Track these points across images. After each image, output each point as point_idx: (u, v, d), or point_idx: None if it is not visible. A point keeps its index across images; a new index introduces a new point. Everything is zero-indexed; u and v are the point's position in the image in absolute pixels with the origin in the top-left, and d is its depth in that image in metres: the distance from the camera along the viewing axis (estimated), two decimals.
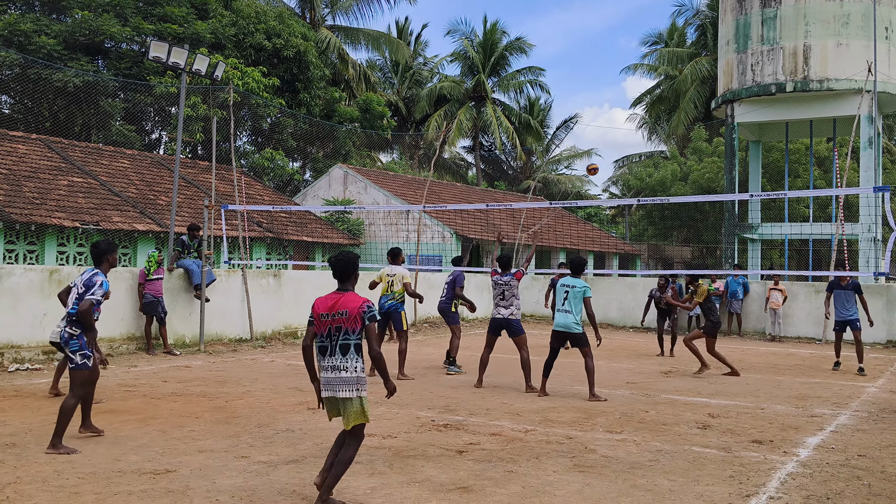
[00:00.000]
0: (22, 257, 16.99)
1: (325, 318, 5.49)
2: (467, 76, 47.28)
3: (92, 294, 6.92)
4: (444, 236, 27.30)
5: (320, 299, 5.59)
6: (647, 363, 14.08)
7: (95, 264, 7.22)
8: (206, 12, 30.93)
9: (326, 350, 5.49)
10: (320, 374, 5.54)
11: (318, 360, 5.57)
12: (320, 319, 5.50)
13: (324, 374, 5.51)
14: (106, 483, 5.80)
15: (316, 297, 5.73)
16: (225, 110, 26.31)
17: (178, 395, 9.61)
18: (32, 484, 5.73)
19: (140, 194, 21.28)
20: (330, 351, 5.47)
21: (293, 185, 34.53)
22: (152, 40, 15.25)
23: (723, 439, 7.73)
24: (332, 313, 5.47)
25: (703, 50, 44.80)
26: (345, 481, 5.92)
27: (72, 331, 6.90)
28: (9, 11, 27.53)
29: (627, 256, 36.77)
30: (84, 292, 6.95)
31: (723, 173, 29.56)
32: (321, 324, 5.50)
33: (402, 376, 11.21)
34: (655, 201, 13.45)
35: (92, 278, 7.01)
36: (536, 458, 6.82)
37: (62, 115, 28.37)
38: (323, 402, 5.55)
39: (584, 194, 51.50)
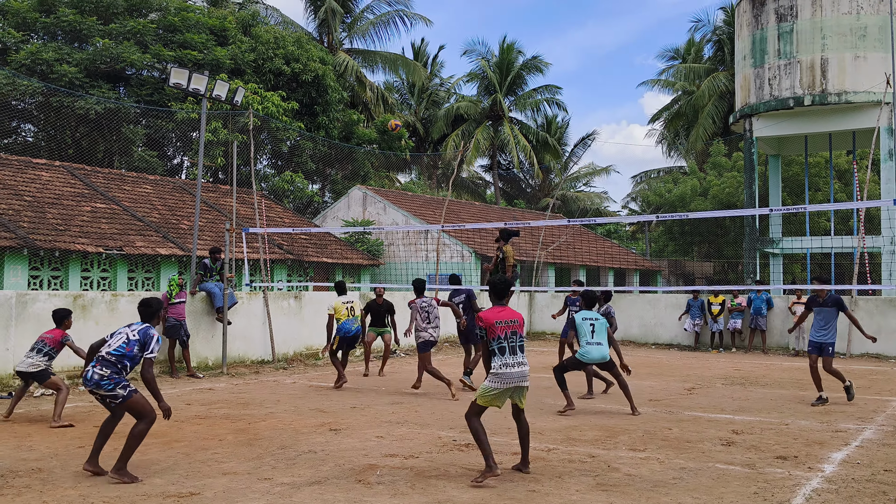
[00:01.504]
0: (46, 283, 17.22)
1: (500, 324, 6.84)
2: (484, 96, 47.51)
3: (151, 352, 6.84)
4: (464, 255, 27.34)
5: (488, 312, 6.94)
6: (670, 380, 13.99)
7: (146, 320, 7.06)
8: (226, 39, 31.38)
9: (506, 350, 6.81)
10: (503, 370, 6.75)
11: (498, 359, 6.77)
12: (496, 326, 6.83)
13: (509, 370, 6.77)
14: None
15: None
16: (245, 134, 26.63)
17: (201, 417, 9.68)
18: None
19: (162, 219, 21.52)
20: (510, 351, 6.81)
21: (313, 207, 34.78)
22: (173, 67, 15.50)
23: (747, 456, 7.67)
24: (506, 320, 6.88)
25: (720, 65, 44.75)
26: (367, 502, 5.94)
27: (102, 371, 6.66)
28: (31, 41, 28.07)
29: (648, 272, 36.60)
30: (136, 341, 6.81)
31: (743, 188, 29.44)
32: (498, 328, 6.82)
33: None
34: (675, 217, 13.43)
35: (148, 331, 6.92)
36: (559, 477, 6.80)
37: (85, 142, 28.83)
38: (501, 391, 6.77)
39: (603, 211, 51.41)
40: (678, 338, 21.30)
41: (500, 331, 6.81)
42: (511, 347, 6.81)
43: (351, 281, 25.63)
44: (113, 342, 6.84)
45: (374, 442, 8.21)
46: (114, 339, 6.88)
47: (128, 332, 6.89)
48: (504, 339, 6.80)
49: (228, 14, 33.88)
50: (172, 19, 30.15)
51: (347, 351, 13.02)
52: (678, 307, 21.29)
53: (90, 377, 6.67)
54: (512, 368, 6.76)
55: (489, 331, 6.83)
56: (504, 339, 6.79)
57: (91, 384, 6.68)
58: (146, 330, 6.91)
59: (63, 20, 27.92)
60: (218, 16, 32.68)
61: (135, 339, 6.83)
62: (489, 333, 6.84)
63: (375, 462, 7.27)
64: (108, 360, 6.72)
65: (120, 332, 6.95)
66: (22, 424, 9.13)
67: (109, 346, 6.79)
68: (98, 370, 6.67)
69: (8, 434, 8.53)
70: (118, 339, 6.85)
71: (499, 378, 6.77)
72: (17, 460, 7.27)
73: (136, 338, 6.84)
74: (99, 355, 6.76)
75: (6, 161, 20.87)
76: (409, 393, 12.00)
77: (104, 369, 6.68)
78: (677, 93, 46.87)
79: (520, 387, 6.84)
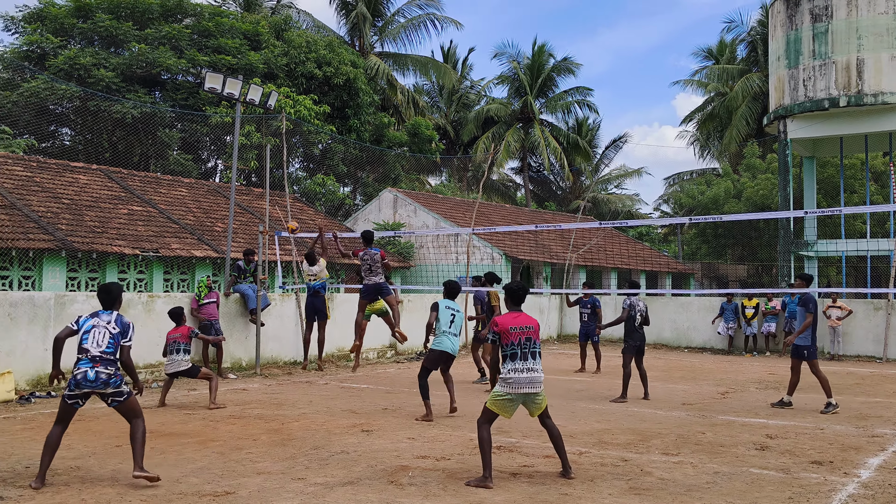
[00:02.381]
0: (84, 284, 17.52)
1: (514, 330, 6.87)
2: (514, 98, 47.43)
3: (129, 340, 6.93)
4: (494, 258, 27.33)
5: (503, 318, 6.96)
6: (703, 384, 13.87)
7: (110, 307, 7.07)
8: (259, 43, 31.71)
9: (517, 356, 6.82)
10: (512, 375, 6.78)
11: (509, 365, 6.80)
12: (510, 332, 6.85)
13: (518, 375, 6.78)
14: None
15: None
16: (278, 138, 26.90)
17: (235, 417, 9.80)
18: None
19: (197, 221, 21.80)
20: (521, 356, 6.81)
21: (344, 210, 34.99)
22: (207, 72, 15.71)
23: (781, 460, 7.59)
24: (521, 326, 6.89)
25: (753, 66, 44.24)
26: (399, 503, 5.99)
27: (108, 370, 6.70)
28: (69, 46, 28.61)
29: (681, 275, 36.28)
30: (118, 333, 6.85)
31: (777, 190, 29.08)
32: (511, 334, 6.85)
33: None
34: (708, 219, 13.32)
35: (123, 320, 6.97)
36: (591, 480, 6.79)
37: (121, 146, 29.30)
38: (511, 398, 6.79)
39: (635, 213, 51.04)
40: (711, 341, 21.11)
41: (514, 337, 6.85)
42: (523, 354, 6.83)
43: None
44: (98, 340, 6.77)
45: (406, 443, 8.26)
46: (94, 335, 6.80)
47: (107, 329, 6.84)
48: (517, 345, 6.83)
49: (261, 19, 34.26)
50: (207, 24, 30.55)
51: None
52: (711, 310, 21.10)
53: (94, 377, 6.63)
54: (521, 374, 6.79)
55: (503, 336, 6.89)
56: (517, 346, 6.83)
57: (98, 384, 6.64)
58: (120, 319, 6.96)
59: (100, 25, 28.42)
60: (251, 21, 33.04)
61: (116, 331, 6.86)
62: (503, 338, 6.89)
63: (407, 463, 7.32)
64: (108, 360, 6.74)
65: (97, 327, 6.85)
66: None
67: (99, 346, 6.74)
68: (104, 370, 6.68)
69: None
70: (101, 336, 6.80)
71: (508, 383, 6.81)
72: (56, 459, 7.40)
73: (118, 330, 6.87)
74: (95, 356, 6.71)
75: (45, 164, 21.29)
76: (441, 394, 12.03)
77: (109, 367, 6.71)
78: (710, 94, 46.42)
79: (530, 393, 6.82)
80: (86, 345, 6.75)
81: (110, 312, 7.00)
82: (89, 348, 6.73)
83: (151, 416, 9.85)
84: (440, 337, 9.97)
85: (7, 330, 11.43)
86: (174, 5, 31.02)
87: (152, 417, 9.71)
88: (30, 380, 11.64)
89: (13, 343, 11.49)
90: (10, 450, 7.78)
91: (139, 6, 29.81)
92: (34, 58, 28.24)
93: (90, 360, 6.69)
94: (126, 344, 6.89)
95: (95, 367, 6.66)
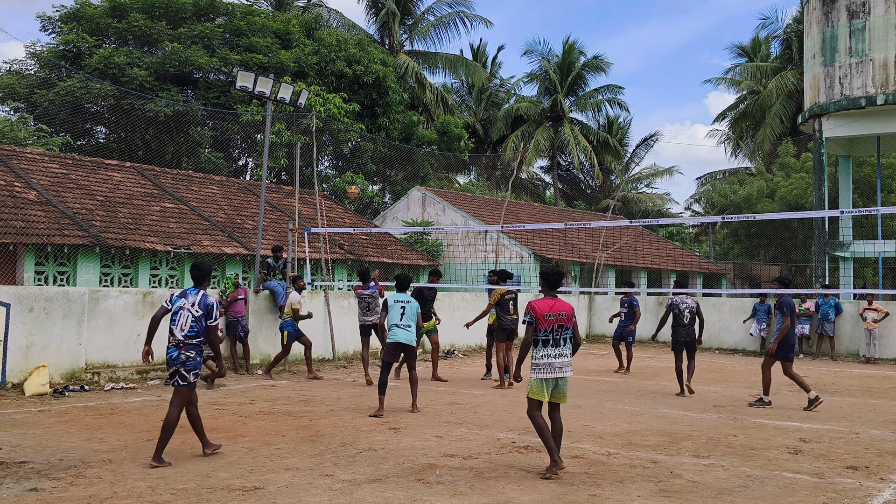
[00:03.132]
0: (117, 280, 17.76)
1: (549, 317, 7.03)
2: (544, 96, 47.21)
3: (214, 320, 7.32)
4: (522, 256, 27.24)
5: (539, 303, 7.06)
6: (735, 386, 13.69)
7: (197, 284, 7.49)
8: (290, 42, 31.91)
9: (549, 342, 7.03)
10: (543, 360, 7.01)
11: (540, 350, 7.01)
12: (545, 318, 7.02)
13: (549, 360, 7.02)
14: (197, 499, 6.00)
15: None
16: (308, 136, 27.03)
17: (264, 413, 9.86)
18: (128, 499, 5.97)
19: (228, 219, 21.99)
20: (553, 343, 7.03)
21: (373, 208, 35.10)
22: (239, 70, 15.83)
23: (815, 465, 7.46)
24: (555, 314, 7.05)
25: (787, 64, 43.61)
26: (426, 501, 5.98)
27: (189, 353, 7.19)
28: (104, 45, 29.00)
29: (712, 276, 35.88)
30: (202, 315, 7.26)
31: (811, 189, 28.64)
32: (546, 321, 7.02)
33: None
34: (741, 219, 13.12)
35: (207, 300, 7.32)
36: (620, 482, 6.73)
37: (154, 144, 29.67)
38: (544, 381, 7.01)
39: (665, 213, 50.59)
40: (743, 343, 20.85)
41: (547, 324, 7.03)
42: (555, 340, 7.05)
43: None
44: (182, 324, 7.22)
45: (433, 442, 8.25)
46: (180, 319, 7.24)
47: (191, 311, 7.24)
48: (549, 332, 7.03)
49: (292, 18, 34.48)
50: (238, 23, 30.80)
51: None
52: (743, 311, 20.83)
53: (177, 357, 7.19)
54: (553, 359, 7.05)
55: (538, 321, 7.05)
56: (549, 332, 7.03)
57: (178, 363, 7.19)
58: (205, 300, 7.30)
59: (134, 25, 28.78)
60: (282, 19, 33.27)
61: (199, 314, 7.25)
62: (538, 324, 7.05)
63: (435, 462, 7.30)
64: (190, 344, 7.22)
65: (183, 309, 7.26)
66: (94, 417, 9.45)
67: (182, 330, 7.20)
68: (186, 352, 7.20)
69: (80, 426, 8.84)
70: (185, 320, 7.23)
71: (540, 368, 7.06)
72: (89, 451, 7.52)
73: (201, 313, 7.26)
74: (179, 341, 7.20)
75: (80, 162, 21.61)
76: (468, 393, 12.02)
77: (190, 351, 7.23)
78: (743, 92, 45.85)
79: (560, 377, 7.08)
80: (173, 327, 7.27)
81: (197, 292, 7.39)
82: (175, 332, 7.25)
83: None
84: (392, 329, 10.16)
85: (42, 324, 11.61)
86: (207, 5, 31.33)
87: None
88: (64, 373, 11.81)
89: (48, 337, 11.67)
90: (44, 442, 7.90)
91: (173, 6, 30.14)
92: (70, 57, 28.68)
93: (175, 346, 7.24)
94: (212, 324, 7.32)
95: (179, 350, 7.22)
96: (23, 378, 11.22)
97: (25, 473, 6.65)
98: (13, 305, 11.20)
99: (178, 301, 7.32)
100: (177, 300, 7.34)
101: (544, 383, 7.05)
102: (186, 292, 7.38)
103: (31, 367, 11.33)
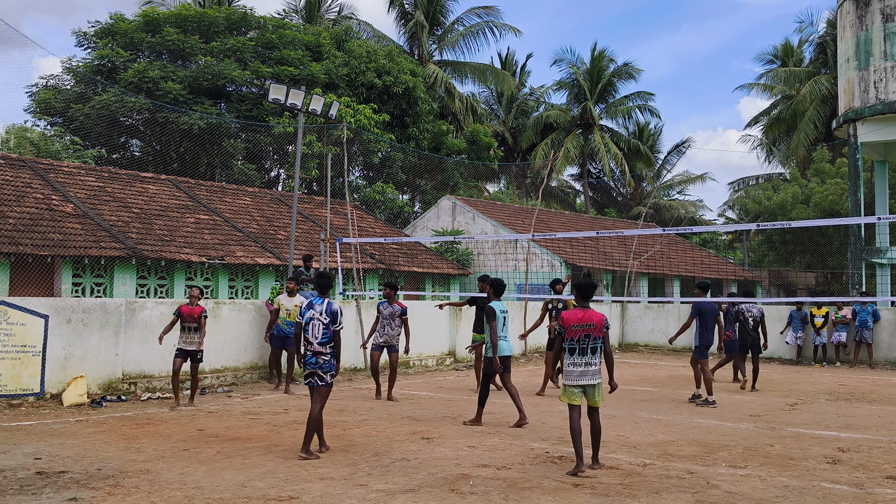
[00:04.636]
0: (153, 291, 18.01)
1: (576, 327, 7.41)
2: (574, 104, 47.10)
3: (339, 325, 8.06)
4: (553, 265, 27.15)
5: (569, 313, 7.51)
6: (771, 395, 13.50)
7: (322, 293, 8.18)
8: (320, 54, 32.22)
9: (575, 351, 7.42)
10: (570, 367, 7.44)
11: (568, 358, 7.46)
12: (572, 328, 7.42)
13: (575, 368, 7.42)
14: None
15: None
16: (338, 147, 27.24)
17: (298, 423, 9.91)
18: None
19: (261, 229, 22.21)
20: (580, 352, 7.40)
21: (403, 217, 35.23)
22: (271, 83, 16.01)
23: (855, 475, 7.33)
24: (583, 324, 7.40)
25: (822, 68, 43.08)
26: None
27: (324, 358, 7.95)
28: (138, 60, 29.51)
29: (747, 283, 35.45)
30: (329, 322, 7.97)
31: (847, 195, 28.20)
32: (573, 331, 7.42)
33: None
34: (776, 226, 12.96)
35: (332, 307, 8.01)
36: (656, 493, 6.66)
37: (188, 156, 30.08)
38: (575, 387, 7.43)
39: (698, 220, 50.11)
40: (779, 351, 20.54)
41: (574, 334, 7.44)
42: (581, 349, 7.43)
43: (441, 290, 25.79)
44: (315, 333, 7.98)
45: (466, 451, 8.23)
46: (312, 329, 8.00)
47: (320, 320, 7.99)
48: (576, 341, 7.43)
49: (323, 30, 34.81)
50: (270, 36, 31.18)
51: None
52: (779, 319, 20.53)
53: (315, 361, 7.98)
54: (578, 367, 7.43)
55: (567, 331, 7.49)
56: (576, 342, 7.43)
57: (316, 366, 7.97)
58: (330, 307, 8.02)
59: (167, 39, 29.26)
60: (313, 32, 33.61)
61: (328, 320, 8.00)
62: (567, 333, 7.49)
63: (468, 472, 7.29)
64: (323, 352, 7.97)
65: (314, 320, 8.01)
66: (131, 427, 9.57)
67: (315, 337, 7.96)
68: (322, 357, 7.97)
69: (117, 436, 8.96)
70: (317, 328, 7.99)
71: (568, 375, 7.50)
72: (126, 461, 7.62)
73: (328, 320, 8.00)
74: (316, 349, 7.95)
75: (116, 175, 21.98)
76: (500, 403, 11.98)
77: (325, 356, 7.98)
78: (776, 97, 45.33)
79: (588, 385, 7.44)
80: (308, 335, 8.03)
81: (322, 301, 8.08)
82: (311, 340, 8.00)
83: (217, 420, 10.05)
84: (500, 342, 10.01)
85: (80, 335, 11.80)
86: (239, 18, 31.77)
87: (218, 422, 9.90)
88: (101, 384, 11.99)
89: (86, 348, 11.86)
90: (83, 452, 8.02)
91: (205, 20, 30.61)
92: (105, 71, 29.22)
93: (313, 353, 7.99)
94: (337, 328, 8.04)
95: (316, 356, 7.97)
96: (61, 388, 11.41)
97: (65, 483, 6.75)
98: (51, 317, 11.41)
99: (307, 312, 8.05)
100: (306, 311, 8.06)
101: (570, 389, 7.45)
102: (313, 303, 8.07)
103: (69, 377, 11.52)
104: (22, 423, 9.71)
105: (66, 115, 28.38)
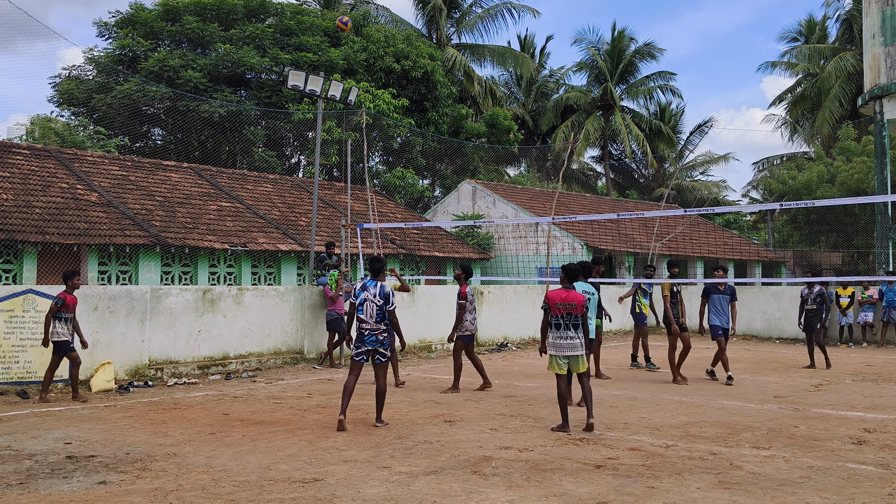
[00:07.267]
0: (177, 278, 18.19)
1: (560, 306, 8.38)
2: (594, 85, 46.70)
3: (392, 305, 8.57)
4: (574, 248, 27.05)
5: (553, 293, 8.48)
6: (796, 376, 13.41)
7: (374, 276, 8.69)
8: (339, 40, 32.20)
9: (561, 326, 8.39)
10: (555, 340, 8.43)
11: (553, 333, 8.44)
12: (556, 306, 8.40)
13: (559, 341, 8.40)
14: (259, 491, 6.14)
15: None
16: (358, 132, 27.26)
17: (322, 406, 10.01)
18: (193, 491, 6.14)
19: (282, 216, 22.32)
20: (564, 327, 8.38)
21: (423, 202, 35.24)
22: (290, 69, 16.04)
23: (880, 455, 7.28)
24: (566, 303, 8.36)
25: (847, 44, 42.35)
26: (482, 493, 6.01)
27: (382, 337, 8.53)
28: (159, 49, 29.67)
29: (771, 264, 35.12)
30: (382, 303, 8.49)
31: (873, 174, 27.80)
32: (557, 309, 8.40)
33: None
34: (800, 205, 12.81)
35: (384, 290, 8.57)
36: (679, 474, 6.66)
37: (210, 144, 30.26)
38: (558, 358, 8.43)
39: (721, 200, 49.63)
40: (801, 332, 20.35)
41: (558, 311, 8.43)
42: (565, 324, 8.40)
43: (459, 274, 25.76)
44: (370, 313, 8.51)
45: (489, 434, 8.27)
46: (366, 309, 8.52)
47: (374, 302, 8.52)
48: (560, 317, 8.42)
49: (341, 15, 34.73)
50: (288, 23, 31.19)
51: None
52: None
53: (375, 339, 8.52)
54: (562, 340, 8.42)
55: (551, 308, 8.46)
56: (560, 318, 8.42)
57: (377, 343, 8.52)
58: (382, 290, 8.55)
59: (187, 28, 29.37)
60: (331, 17, 33.57)
61: (381, 303, 8.52)
62: (551, 310, 8.46)
63: (490, 454, 7.33)
64: (377, 328, 8.51)
65: (367, 300, 8.54)
66: (158, 412, 9.71)
67: (371, 317, 8.50)
68: (381, 336, 8.54)
69: (145, 421, 9.09)
70: (371, 309, 8.52)
71: (553, 346, 8.49)
72: (154, 445, 7.74)
73: (381, 302, 8.52)
74: (371, 327, 8.51)
75: (139, 163, 22.16)
76: (523, 386, 12.01)
77: (383, 334, 8.55)
78: (799, 75, 44.66)
79: (570, 355, 8.41)
80: (362, 315, 8.57)
81: (375, 283, 8.63)
82: (366, 320, 8.55)
83: (242, 404, 10.17)
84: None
85: (107, 323, 11.97)
86: (257, 5, 31.80)
87: (243, 406, 10.02)
88: (128, 370, 12.16)
89: (112, 335, 12.02)
90: (111, 437, 8.15)
91: (224, 7, 30.68)
92: (126, 61, 29.41)
93: (370, 331, 8.54)
94: (390, 308, 8.57)
95: (375, 335, 8.52)
96: (89, 375, 11.59)
97: (94, 467, 6.88)
98: (78, 305, 11.56)
99: (361, 294, 8.59)
100: (360, 293, 8.60)
101: (556, 359, 8.45)
102: (366, 284, 8.60)
103: (96, 364, 11.69)
104: (52, 409, 9.89)
105: (88, 105, 28.63)
